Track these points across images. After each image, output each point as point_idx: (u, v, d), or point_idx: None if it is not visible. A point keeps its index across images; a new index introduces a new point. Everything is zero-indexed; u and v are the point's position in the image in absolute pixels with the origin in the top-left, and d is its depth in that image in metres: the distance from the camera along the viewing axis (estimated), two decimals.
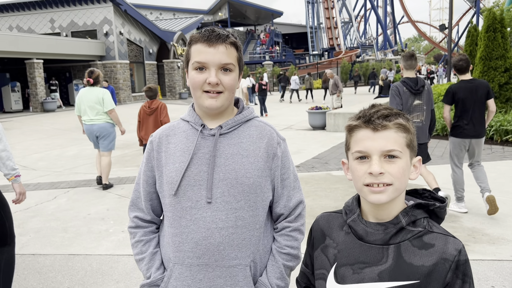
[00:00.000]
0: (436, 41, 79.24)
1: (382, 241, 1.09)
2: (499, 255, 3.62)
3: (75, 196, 6.00)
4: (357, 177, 1.09)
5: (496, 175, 6.18)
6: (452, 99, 4.79)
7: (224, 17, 46.07)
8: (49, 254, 4.05)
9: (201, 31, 1.36)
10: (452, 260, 1.05)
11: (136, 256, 1.47)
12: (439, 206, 1.12)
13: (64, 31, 27.14)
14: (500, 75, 10.62)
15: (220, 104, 1.35)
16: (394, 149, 1.05)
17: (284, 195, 1.45)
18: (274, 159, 1.42)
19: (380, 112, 1.09)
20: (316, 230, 1.26)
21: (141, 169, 1.48)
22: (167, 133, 1.45)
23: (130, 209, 1.51)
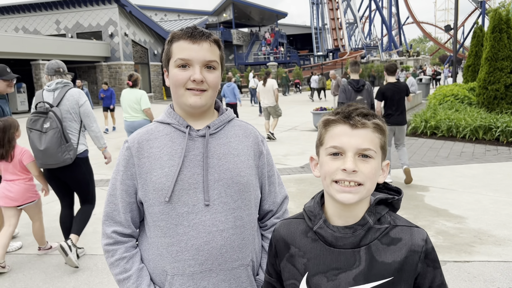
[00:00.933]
0: (441, 42, 78.97)
1: (353, 244, 1.06)
2: (505, 256, 3.60)
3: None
4: (328, 173, 1.05)
5: (502, 176, 6.15)
6: (382, 96, 6.19)
7: (228, 18, 46.12)
8: (55, 254, 4.06)
9: (182, 28, 1.33)
10: (420, 251, 1.06)
11: (119, 276, 1.33)
12: (397, 198, 1.12)
13: (70, 33, 27.30)
14: (506, 76, 10.56)
15: (204, 102, 1.31)
16: (370, 148, 1.04)
17: (272, 191, 1.46)
18: (261, 157, 1.42)
19: (359, 110, 1.07)
20: (277, 239, 1.20)
21: (117, 178, 1.35)
22: (146, 137, 1.35)
23: (106, 224, 1.36)
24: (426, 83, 22.28)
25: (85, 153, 3.88)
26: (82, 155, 3.83)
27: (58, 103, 3.64)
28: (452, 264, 3.51)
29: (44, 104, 3.58)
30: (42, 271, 3.70)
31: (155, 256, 1.34)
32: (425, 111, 11.32)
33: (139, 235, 1.43)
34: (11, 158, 3.73)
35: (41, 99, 3.67)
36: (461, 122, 9.53)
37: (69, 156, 3.58)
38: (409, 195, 5.43)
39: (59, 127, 3.52)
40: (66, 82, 3.79)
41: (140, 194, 1.34)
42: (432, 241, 3.95)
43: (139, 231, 1.43)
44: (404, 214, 4.72)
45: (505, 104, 10.68)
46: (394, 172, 6.64)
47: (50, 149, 3.49)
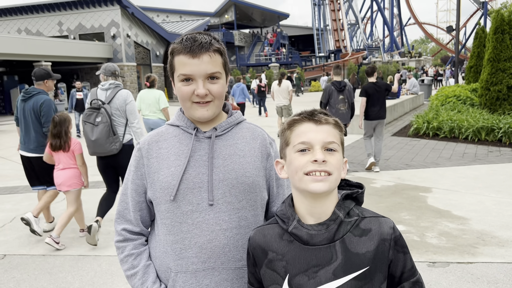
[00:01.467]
0: (443, 43, 78.87)
1: (328, 240, 1.12)
2: (508, 257, 3.60)
3: (84, 198, 6.01)
4: (298, 167, 1.11)
5: (505, 177, 6.15)
6: (365, 93, 6.99)
7: (230, 20, 46.18)
8: (59, 254, 4.08)
9: (182, 40, 1.31)
10: (390, 239, 1.13)
11: (127, 272, 1.38)
12: (361, 192, 1.20)
13: (72, 34, 27.38)
14: (508, 77, 10.56)
15: (211, 113, 1.34)
16: (334, 141, 1.13)
17: (280, 194, 1.47)
18: (268, 159, 1.43)
19: (319, 110, 1.18)
20: (254, 247, 1.23)
21: (129, 178, 1.41)
22: (156, 139, 1.40)
23: (117, 222, 1.42)
24: (428, 84, 22.26)
25: (130, 141, 4.47)
26: (128, 143, 4.43)
27: (110, 101, 4.27)
28: (455, 265, 3.52)
29: (98, 101, 4.21)
30: (46, 272, 3.72)
31: (161, 253, 1.37)
32: (427, 112, 11.32)
33: (150, 233, 1.46)
34: (68, 148, 4.30)
35: (95, 97, 4.29)
36: (464, 123, 9.52)
37: (115, 146, 4.22)
38: (412, 196, 5.44)
39: (108, 122, 4.14)
40: (118, 83, 4.43)
41: (149, 193, 1.38)
42: (435, 243, 3.96)
43: (150, 229, 1.47)
44: (407, 215, 4.73)
45: (507, 105, 10.67)
46: (397, 173, 6.65)
47: (100, 140, 4.13)
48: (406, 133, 10.63)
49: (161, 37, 30.32)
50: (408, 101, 16.33)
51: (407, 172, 6.73)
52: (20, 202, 5.96)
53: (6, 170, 8.42)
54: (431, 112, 11.31)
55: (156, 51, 30.11)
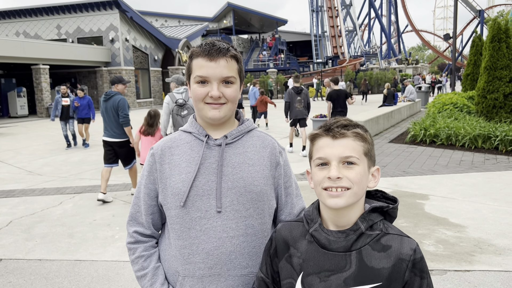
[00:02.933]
0: (440, 50, 79.30)
1: (344, 248, 1.13)
2: (505, 266, 3.61)
3: (81, 202, 6.02)
4: (317, 182, 1.14)
5: (501, 185, 6.17)
6: (330, 98, 9.37)
7: (229, 25, 46.33)
8: (56, 259, 4.06)
9: (202, 44, 1.37)
10: (408, 260, 1.11)
11: (137, 273, 1.43)
12: (392, 207, 1.18)
13: (70, 37, 27.38)
14: (505, 85, 10.63)
15: (223, 114, 1.37)
16: (351, 155, 1.12)
17: (288, 202, 1.49)
18: (277, 168, 1.45)
19: (339, 122, 1.17)
20: (278, 240, 1.27)
21: (142, 182, 1.45)
22: (169, 145, 1.43)
23: (129, 224, 1.47)
24: (426, 91, 22.36)
25: None
26: None
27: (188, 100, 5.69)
28: (452, 273, 3.52)
29: (182, 100, 5.62)
30: (43, 277, 3.70)
31: (170, 257, 1.41)
32: (424, 119, 11.36)
33: (160, 236, 1.50)
34: (154, 135, 5.84)
35: (174, 99, 5.67)
36: (460, 130, 9.56)
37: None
38: (409, 203, 5.45)
39: (193, 112, 5.51)
40: (186, 89, 5.72)
41: (160, 198, 1.42)
42: (432, 250, 3.96)
43: (161, 232, 1.51)
44: (404, 222, 4.74)
45: (504, 113, 10.73)
46: (394, 180, 6.67)
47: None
48: (403, 140, 10.66)
49: (159, 42, 30.35)
50: (405, 108, 16.40)
51: (404, 179, 6.75)
52: (16, 206, 5.93)
53: (3, 173, 8.39)
54: (428, 119, 11.35)
55: (155, 56, 30.13)
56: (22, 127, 17.39)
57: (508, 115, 10.67)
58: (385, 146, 10.05)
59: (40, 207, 5.80)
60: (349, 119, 1.20)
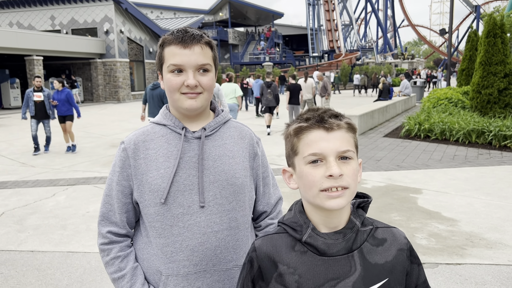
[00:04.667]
0: (436, 45, 79.42)
1: (346, 249, 1.03)
2: (496, 259, 3.64)
3: (74, 194, 6.00)
4: (312, 183, 0.99)
5: (494, 180, 6.21)
6: (288, 89, 11.72)
7: (224, 18, 46.07)
8: (48, 251, 4.05)
9: (173, 32, 1.31)
10: (406, 248, 1.08)
11: (113, 275, 1.34)
12: (369, 201, 1.11)
13: (65, 29, 27.12)
14: (499, 81, 10.66)
15: (200, 104, 1.31)
16: (348, 149, 1.01)
17: (266, 192, 1.48)
18: (255, 158, 1.43)
19: (329, 112, 1.03)
20: (262, 258, 1.08)
21: (113, 179, 1.36)
22: (142, 138, 1.35)
23: (101, 224, 1.37)
24: (421, 86, 22.40)
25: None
26: None
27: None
28: (444, 266, 3.54)
29: None
30: (35, 268, 3.68)
31: (149, 256, 1.35)
32: (419, 114, 11.39)
33: (135, 235, 1.44)
34: None
35: None
36: (455, 125, 9.60)
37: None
38: (402, 197, 5.47)
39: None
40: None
41: (135, 195, 1.35)
42: (425, 243, 3.99)
43: (135, 230, 1.44)
44: (397, 216, 4.76)
45: (498, 109, 10.78)
46: (388, 174, 6.69)
47: None
48: (398, 135, 10.69)
49: (154, 34, 30.14)
50: (400, 103, 16.43)
51: (398, 173, 6.77)
52: (8, 197, 5.90)
53: None
54: (423, 114, 11.39)
55: (150, 48, 29.94)
56: (15, 118, 17.27)
57: (502, 110, 10.72)
58: (379, 140, 10.08)
59: (33, 199, 5.77)
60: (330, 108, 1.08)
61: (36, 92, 9.02)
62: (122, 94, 26.48)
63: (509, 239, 4.06)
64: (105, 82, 26.58)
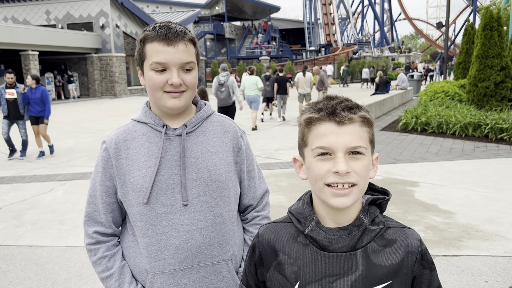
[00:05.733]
0: (433, 39, 79.40)
1: (349, 247, 0.99)
2: (492, 251, 3.67)
3: (71, 189, 5.99)
4: (318, 176, 0.96)
5: (490, 172, 6.24)
6: (276, 81, 12.78)
7: (221, 11, 45.86)
8: (46, 245, 4.05)
9: (155, 27, 1.26)
10: (417, 252, 1.03)
11: (101, 274, 1.34)
12: (387, 199, 1.06)
13: (60, 23, 26.95)
14: (496, 74, 10.68)
15: (183, 103, 1.29)
16: (360, 145, 0.96)
17: (251, 186, 1.47)
18: (240, 152, 1.42)
19: (343, 104, 0.98)
20: (263, 245, 1.08)
21: (97, 179, 1.35)
22: (123, 137, 1.33)
23: (87, 224, 1.37)
24: (418, 79, 22.42)
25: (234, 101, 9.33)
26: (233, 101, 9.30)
27: (226, 81, 9.05)
28: (441, 258, 3.57)
29: (222, 81, 9.02)
30: (33, 263, 3.69)
31: (136, 254, 1.36)
32: (416, 108, 11.41)
33: (122, 232, 1.43)
34: None
35: (217, 81, 9.08)
36: (451, 118, 9.62)
37: (231, 101, 9.18)
38: (399, 190, 5.49)
39: (227, 89, 9.03)
40: (228, 73, 9.28)
41: (120, 195, 1.34)
42: (422, 236, 4.01)
43: (122, 228, 1.44)
44: (394, 209, 4.78)
45: (494, 102, 10.81)
46: (385, 167, 6.71)
47: (224, 99, 9.12)
48: (395, 128, 10.71)
49: None
50: (397, 96, 16.45)
51: (395, 166, 6.80)
52: (6, 192, 5.89)
53: None
54: (420, 107, 11.40)
55: None
56: None
57: (498, 103, 10.75)
58: (377, 134, 10.10)
59: (30, 194, 5.76)
60: (347, 98, 1.02)
61: (9, 89, 8.04)
62: (119, 89, 26.39)
63: (505, 231, 4.09)
64: (101, 77, 26.47)
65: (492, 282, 3.16)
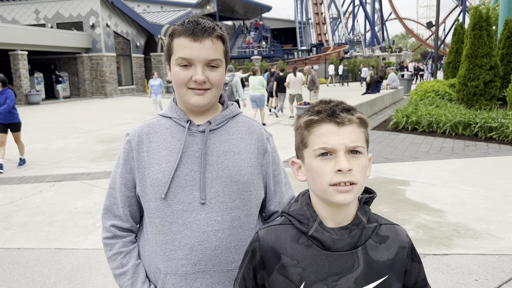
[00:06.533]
0: (423, 38, 79.97)
1: (351, 245, 1.04)
2: (482, 249, 3.69)
3: (61, 190, 5.93)
4: (321, 177, 1.00)
5: (480, 171, 6.29)
6: (276, 80, 13.88)
7: (212, 11, 45.74)
8: (35, 248, 4.00)
9: (184, 22, 1.24)
10: (407, 247, 1.11)
11: (115, 270, 1.32)
12: (375, 197, 1.12)
13: (49, 23, 26.68)
14: (485, 73, 10.78)
15: (207, 101, 1.26)
16: (358, 144, 1.01)
17: (277, 192, 1.41)
18: (265, 155, 1.36)
19: (341, 106, 1.03)
20: (266, 249, 1.08)
21: (117, 172, 1.33)
22: (147, 131, 1.31)
23: (105, 217, 1.35)
24: (408, 79, 22.56)
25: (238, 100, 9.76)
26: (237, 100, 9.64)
27: (231, 81, 9.52)
28: (431, 257, 3.59)
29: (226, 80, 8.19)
30: (22, 266, 3.64)
31: (150, 253, 1.32)
32: (406, 107, 11.48)
33: (139, 230, 1.40)
34: None
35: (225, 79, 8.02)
36: (442, 118, 9.69)
37: (234, 99, 9.26)
38: (390, 189, 5.52)
39: (231, 88, 9.55)
40: (233, 73, 9.84)
41: (138, 189, 1.31)
42: (412, 235, 4.03)
43: (139, 226, 1.41)
44: (386, 208, 4.80)
45: (483, 101, 10.91)
46: (376, 166, 6.74)
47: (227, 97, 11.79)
48: (386, 127, 10.77)
49: (141, 28, 29.82)
50: (388, 96, 16.53)
51: (386, 165, 6.83)
52: None
53: None
54: (410, 106, 11.47)
55: (137, 42, 29.62)
56: None
57: (488, 102, 10.85)
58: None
59: (19, 196, 5.69)
60: (343, 101, 1.07)
61: None
62: (109, 89, 26.20)
63: (495, 229, 4.12)
64: (92, 77, 26.27)
65: (482, 280, 3.18)
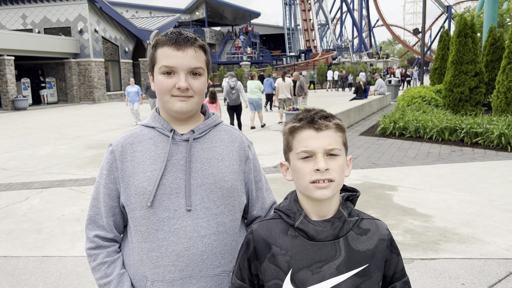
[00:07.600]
0: (409, 45, 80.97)
1: (333, 236, 1.17)
2: (469, 253, 3.74)
3: (49, 197, 5.87)
4: (303, 175, 1.14)
5: (466, 176, 6.38)
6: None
7: (201, 17, 45.82)
8: (22, 256, 3.95)
9: (167, 33, 1.30)
10: (387, 239, 1.23)
11: (100, 281, 1.32)
12: (358, 195, 1.26)
13: (37, 28, 26.47)
14: (470, 79, 10.96)
15: (190, 107, 1.30)
16: (335, 147, 1.15)
17: (260, 197, 1.45)
18: (247, 162, 1.41)
19: (320, 114, 1.18)
20: (258, 240, 1.22)
21: (101, 182, 1.34)
22: (130, 141, 1.34)
23: (88, 228, 1.36)
24: (395, 84, 22.81)
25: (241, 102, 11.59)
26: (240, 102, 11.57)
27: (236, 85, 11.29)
28: (419, 261, 3.63)
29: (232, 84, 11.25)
30: (8, 274, 3.59)
31: (135, 262, 1.33)
32: (393, 112, 11.60)
33: (123, 240, 1.42)
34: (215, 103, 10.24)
35: (228, 85, 11.31)
36: (428, 123, 9.81)
37: (240, 101, 11.51)
38: (378, 194, 5.57)
39: (237, 92, 11.40)
40: (235, 79, 11.52)
41: (122, 198, 1.33)
42: (400, 239, 4.07)
43: (123, 235, 1.42)
44: (374, 213, 4.84)
45: (469, 106, 11.08)
46: (364, 172, 6.80)
47: (235, 99, 11.42)
48: (373, 133, 10.86)
49: (130, 33, 29.73)
50: (375, 101, 16.69)
51: (374, 170, 6.89)
52: None
53: None
54: (398, 112, 11.60)
55: (125, 47, 29.51)
56: None
57: (473, 108, 11.02)
58: (355, 138, 10.22)
59: (5, 203, 5.62)
60: (323, 109, 1.21)
61: None
62: (98, 94, 26.03)
63: (481, 234, 4.18)
64: (80, 82, 26.08)
65: (468, 284, 3.23)
